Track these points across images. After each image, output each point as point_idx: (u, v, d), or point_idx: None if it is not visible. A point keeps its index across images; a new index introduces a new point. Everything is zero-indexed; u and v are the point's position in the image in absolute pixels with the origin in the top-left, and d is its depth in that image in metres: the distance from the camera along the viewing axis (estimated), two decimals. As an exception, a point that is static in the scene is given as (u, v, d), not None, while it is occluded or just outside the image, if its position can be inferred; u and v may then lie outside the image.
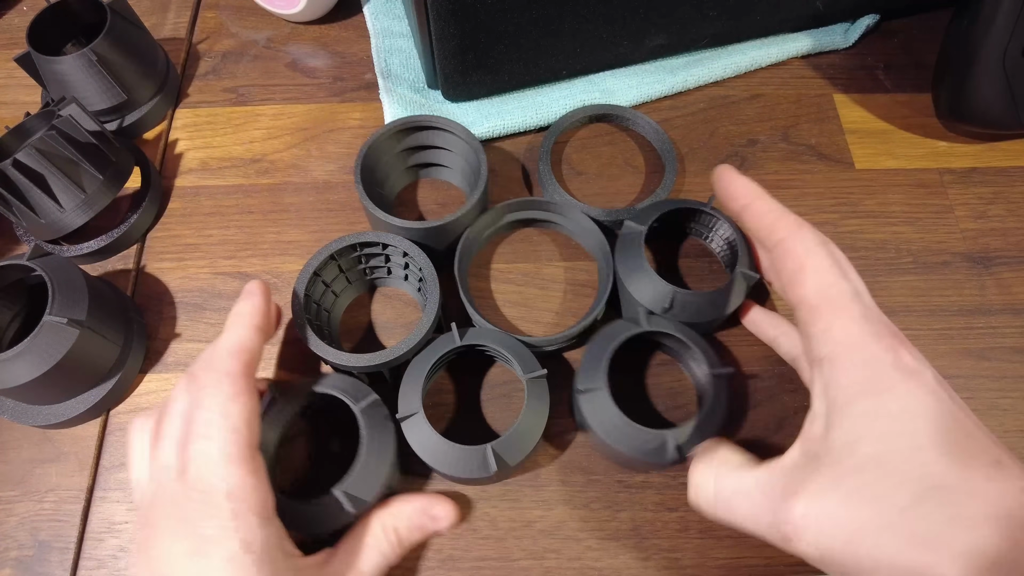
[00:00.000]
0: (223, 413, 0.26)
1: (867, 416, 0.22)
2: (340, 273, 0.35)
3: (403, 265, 0.36)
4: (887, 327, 0.24)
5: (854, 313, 0.24)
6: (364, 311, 0.38)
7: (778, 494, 0.23)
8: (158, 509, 0.25)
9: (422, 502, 0.30)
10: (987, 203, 0.41)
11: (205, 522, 0.24)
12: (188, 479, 0.25)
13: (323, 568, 0.28)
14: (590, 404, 0.31)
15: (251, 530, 0.25)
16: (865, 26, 0.46)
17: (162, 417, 0.27)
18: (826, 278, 0.25)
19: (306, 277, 0.33)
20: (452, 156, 0.39)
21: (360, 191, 0.35)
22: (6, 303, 0.35)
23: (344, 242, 0.34)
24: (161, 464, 0.26)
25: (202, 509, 0.24)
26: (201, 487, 0.25)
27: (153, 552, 0.25)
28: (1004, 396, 0.35)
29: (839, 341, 0.24)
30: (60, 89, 0.39)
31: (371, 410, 0.30)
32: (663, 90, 0.44)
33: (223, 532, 0.24)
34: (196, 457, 0.25)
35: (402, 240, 0.34)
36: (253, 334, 0.29)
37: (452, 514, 0.31)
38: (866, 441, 0.22)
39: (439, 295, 0.33)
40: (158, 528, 0.25)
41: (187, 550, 0.24)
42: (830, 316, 0.24)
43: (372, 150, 0.37)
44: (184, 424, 0.26)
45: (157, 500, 0.26)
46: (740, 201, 0.29)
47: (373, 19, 0.46)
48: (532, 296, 0.38)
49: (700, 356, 0.32)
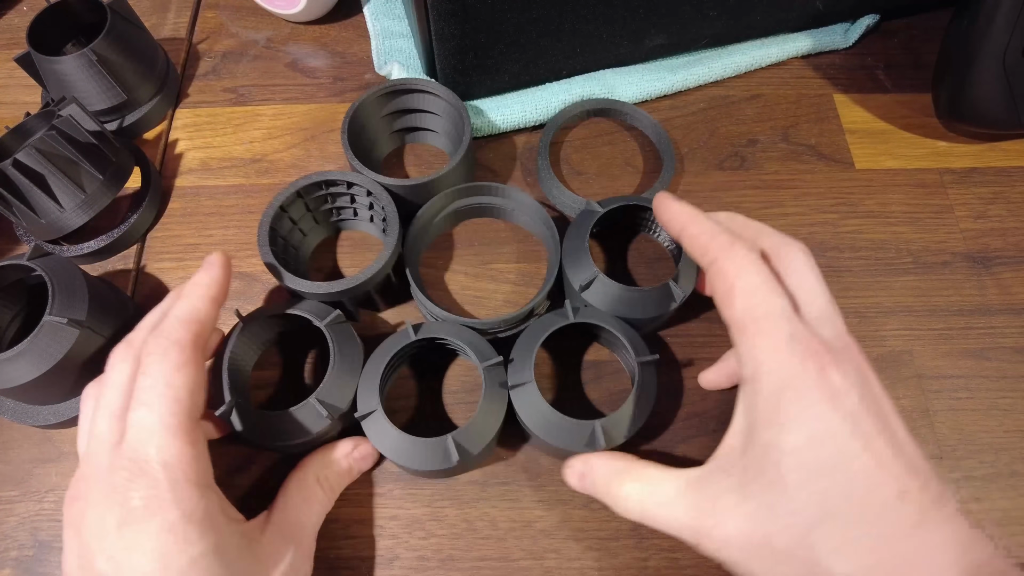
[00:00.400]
0: (168, 382, 0.26)
1: (779, 437, 0.23)
2: (307, 212, 0.37)
3: (368, 206, 0.37)
4: (820, 345, 0.23)
5: (780, 333, 0.24)
6: (331, 253, 0.39)
7: (694, 506, 0.25)
8: (89, 481, 0.25)
9: (345, 446, 0.32)
10: (987, 203, 0.41)
11: (138, 492, 0.24)
12: (123, 449, 0.25)
13: (266, 527, 0.28)
14: (520, 398, 0.31)
15: (191, 500, 0.24)
16: (865, 26, 0.46)
17: (102, 387, 0.27)
18: (752, 299, 0.24)
19: (272, 210, 0.34)
20: (438, 119, 0.40)
21: (347, 151, 0.36)
22: (6, 303, 0.35)
23: (310, 179, 0.35)
24: (96, 434, 0.26)
25: (135, 480, 0.24)
26: (135, 456, 0.24)
27: (83, 525, 0.24)
28: (1004, 396, 0.35)
29: (761, 361, 0.24)
30: (60, 89, 0.39)
31: (336, 326, 0.32)
32: (663, 88, 0.44)
33: (159, 503, 0.24)
34: (133, 426, 0.25)
35: (366, 179, 0.35)
36: (208, 305, 0.29)
37: (373, 451, 0.32)
38: (776, 462, 0.22)
39: (399, 230, 0.34)
40: (88, 500, 0.25)
41: (118, 521, 0.24)
42: (754, 336, 0.24)
43: (358, 114, 0.37)
44: (122, 394, 0.26)
45: (89, 471, 0.25)
46: (675, 227, 0.28)
47: (373, 19, 0.46)
48: (484, 287, 0.38)
49: (628, 345, 0.32)
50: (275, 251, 0.34)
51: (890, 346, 0.36)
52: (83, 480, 0.26)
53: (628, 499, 0.27)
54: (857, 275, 0.38)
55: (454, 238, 0.39)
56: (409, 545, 0.32)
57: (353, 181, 0.35)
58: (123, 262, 0.39)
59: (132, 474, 0.24)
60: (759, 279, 0.25)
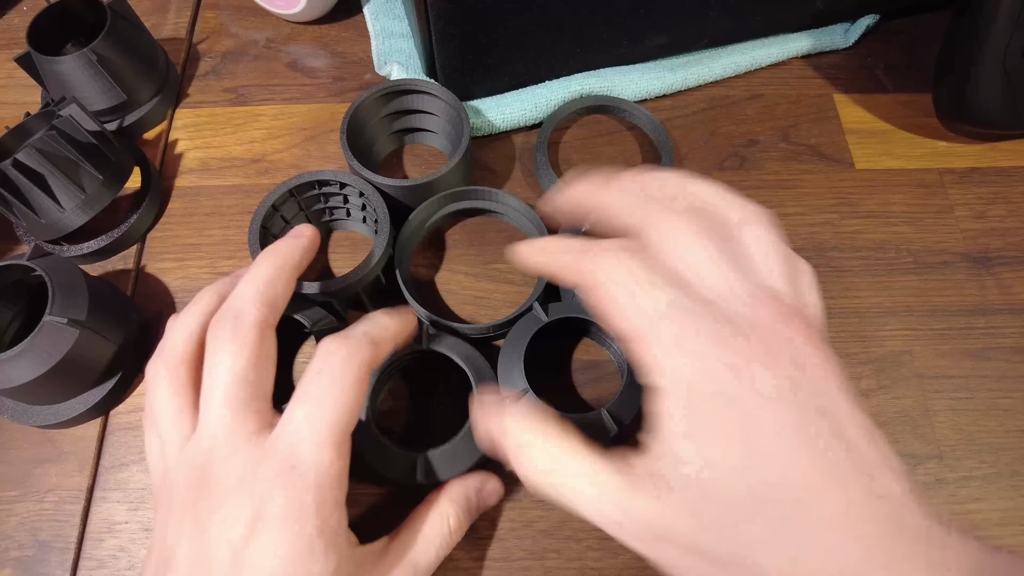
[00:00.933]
0: (345, 389, 0.24)
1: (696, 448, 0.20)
2: (300, 211, 0.37)
3: (360, 206, 0.37)
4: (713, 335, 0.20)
5: (662, 338, 0.21)
6: (323, 253, 0.39)
7: (613, 490, 0.22)
8: (217, 469, 0.23)
9: (476, 481, 0.30)
10: (987, 203, 0.41)
11: (283, 492, 0.23)
12: (272, 442, 0.24)
13: (381, 558, 0.27)
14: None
15: (329, 513, 0.23)
16: (865, 26, 0.46)
17: (209, 371, 0.25)
18: (626, 309, 0.22)
19: (264, 209, 0.34)
20: (436, 120, 0.40)
21: (346, 152, 0.36)
22: (6, 303, 0.35)
23: (303, 179, 0.35)
24: (222, 418, 0.24)
25: (281, 478, 0.23)
26: (288, 453, 0.23)
27: (204, 519, 0.23)
28: (1005, 396, 0.35)
29: (659, 369, 0.21)
30: (60, 89, 0.39)
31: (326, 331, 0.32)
32: (663, 87, 0.43)
33: (301, 510, 0.23)
34: (292, 422, 0.24)
35: (358, 180, 0.35)
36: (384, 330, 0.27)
37: (501, 487, 0.31)
38: (692, 461, 0.20)
39: (390, 231, 0.34)
40: (213, 493, 0.23)
41: (251, 518, 0.23)
42: (641, 348, 0.21)
43: (357, 115, 0.37)
44: (243, 383, 0.25)
45: (215, 459, 0.24)
46: (539, 269, 0.26)
47: (373, 19, 0.46)
48: (484, 287, 0.38)
49: (610, 334, 0.32)
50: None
51: (890, 346, 0.36)
52: (209, 467, 0.24)
53: (536, 462, 0.23)
54: (857, 275, 0.38)
55: (454, 238, 0.39)
56: (409, 545, 0.32)
57: (345, 181, 0.35)
58: (123, 262, 0.39)
59: (280, 473, 0.23)
60: (624, 290, 0.22)
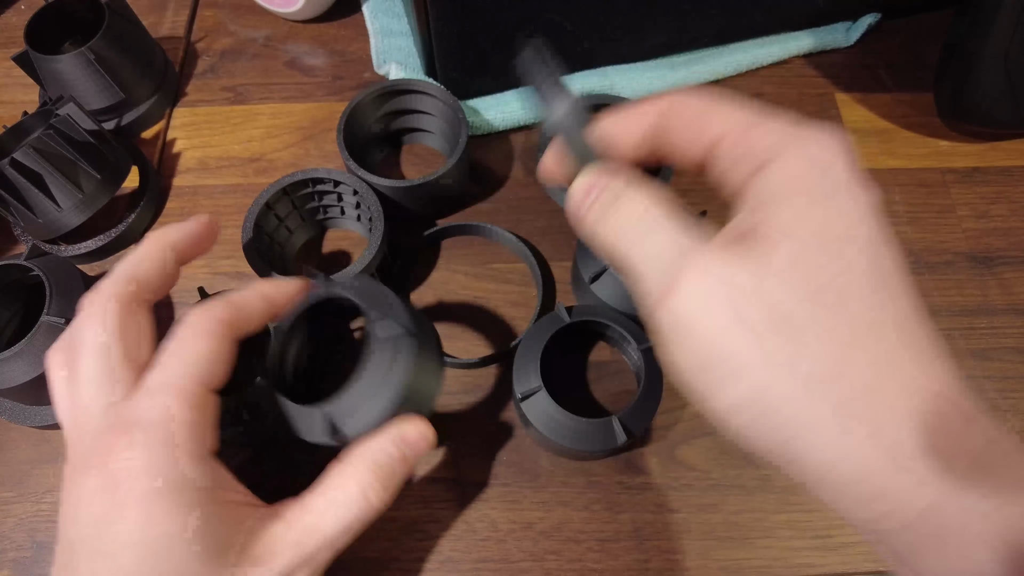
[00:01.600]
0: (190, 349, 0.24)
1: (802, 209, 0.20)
2: (294, 209, 0.37)
3: (355, 205, 0.37)
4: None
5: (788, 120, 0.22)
6: (317, 251, 0.39)
7: (684, 245, 0.20)
8: (81, 445, 0.23)
9: (391, 434, 0.25)
10: (989, 203, 0.41)
11: (125, 453, 0.22)
12: (124, 408, 0.23)
13: (277, 517, 0.24)
14: (532, 408, 0.31)
15: (183, 467, 0.22)
16: (867, 25, 0.45)
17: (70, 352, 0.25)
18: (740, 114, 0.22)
19: (258, 207, 0.34)
20: (434, 120, 0.40)
21: (343, 153, 0.36)
22: (3, 303, 0.34)
23: (296, 177, 0.35)
24: (86, 398, 0.24)
25: (126, 441, 0.22)
26: (135, 417, 0.23)
27: (67, 490, 0.23)
28: (1007, 397, 0.35)
29: (776, 142, 0.22)
30: (58, 88, 0.39)
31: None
32: (664, 86, 0.43)
33: (147, 467, 0.22)
34: (139, 388, 0.23)
35: (352, 178, 0.35)
36: (254, 295, 0.27)
37: (427, 429, 0.26)
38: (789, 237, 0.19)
39: (383, 229, 0.34)
40: (73, 464, 0.23)
41: (98, 485, 0.22)
42: (763, 129, 0.22)
43: (354, 115, 0.37)
44: (104, 355, 0.24)
45: (82, 434, 0.24)
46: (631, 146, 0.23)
47: (372, 18, 0.46)
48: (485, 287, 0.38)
49: (628, 335, 0.32)
50: (260, 248, 0.34)
51: (892, 346, 0.36)
52: (71, 445, 0.24)
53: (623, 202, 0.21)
54: (859, 275, 0.38)
55: (453, 238, 0.39)
56: (407, 547, 0.32)
57: (339, 180, 0.35)
58: (121, 262, 0.39)
59: (125, 433, 0.22)
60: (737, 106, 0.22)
